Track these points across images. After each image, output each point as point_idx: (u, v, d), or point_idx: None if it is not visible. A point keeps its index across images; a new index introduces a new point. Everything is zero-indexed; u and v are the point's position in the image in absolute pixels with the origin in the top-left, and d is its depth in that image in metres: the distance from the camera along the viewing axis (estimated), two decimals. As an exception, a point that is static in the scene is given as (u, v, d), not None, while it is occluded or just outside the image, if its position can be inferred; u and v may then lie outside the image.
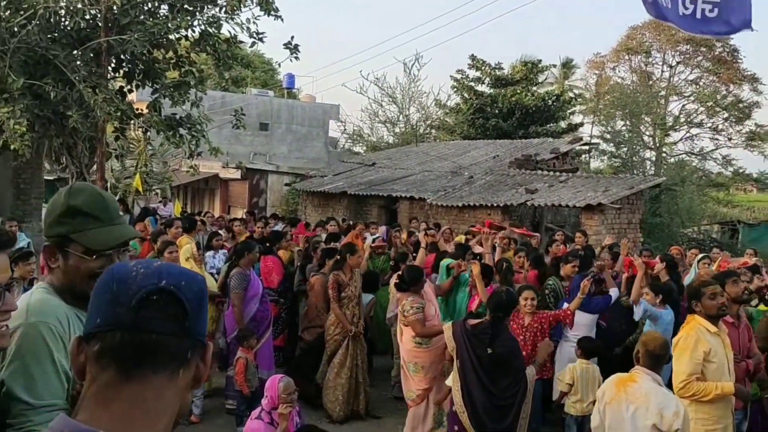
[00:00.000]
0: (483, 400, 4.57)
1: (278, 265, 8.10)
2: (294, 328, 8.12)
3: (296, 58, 12.44)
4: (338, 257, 7.17)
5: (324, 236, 10.04)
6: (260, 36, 11.99)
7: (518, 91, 27.38)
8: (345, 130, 32.55)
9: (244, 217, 14.20)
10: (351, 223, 13.40)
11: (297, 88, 34.53)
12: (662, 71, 32.75)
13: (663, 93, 31.67)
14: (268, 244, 8.41)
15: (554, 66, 33.00)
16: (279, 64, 42.16)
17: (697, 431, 4.25)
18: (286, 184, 23.54)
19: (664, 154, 30.63)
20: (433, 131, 30.90)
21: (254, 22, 11.84)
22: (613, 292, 6.62)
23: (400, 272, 6.13)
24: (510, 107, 26.76)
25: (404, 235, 10.56)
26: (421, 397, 5.73)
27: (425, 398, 5.73)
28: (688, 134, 31.72)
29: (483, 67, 29.12)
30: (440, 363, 5.69)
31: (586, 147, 26.00)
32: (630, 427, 3.72)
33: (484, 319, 4.87)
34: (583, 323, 6.30)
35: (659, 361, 3.90)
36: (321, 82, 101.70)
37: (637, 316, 6.25)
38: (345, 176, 21.14)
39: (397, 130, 31.26)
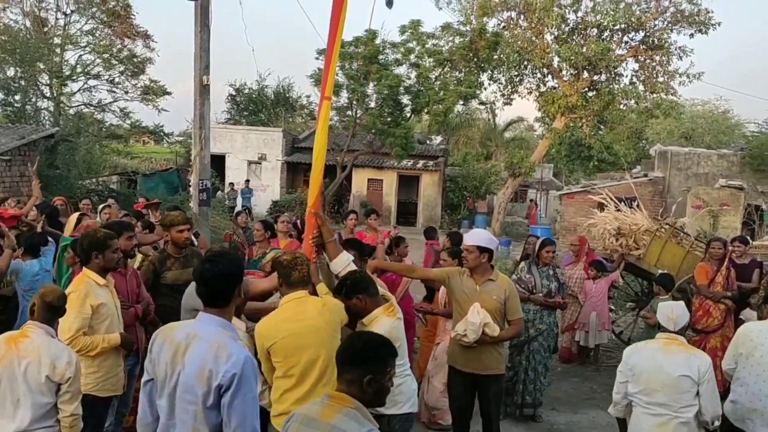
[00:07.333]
0: None
1: None
2: None
3: None
4: None
5: None
6: None
7: None
8: None
9: None
10: None
11: None
12: (57, 18, 31.46)
13: (59, 41, 30.55)
14: None
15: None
16: None
17: (88, 385, 4.29)
18: None
19: (62, 105, 29.83)
20: None
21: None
22: None
23: None
24: None
25: None
26: None
27: None
28: (86, 85, 31.37)
29: None
30: None
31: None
32: (23, 384, 3.64)
33: None
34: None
35: (56, 313, 3.88)
36: None
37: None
38: None
39: None
